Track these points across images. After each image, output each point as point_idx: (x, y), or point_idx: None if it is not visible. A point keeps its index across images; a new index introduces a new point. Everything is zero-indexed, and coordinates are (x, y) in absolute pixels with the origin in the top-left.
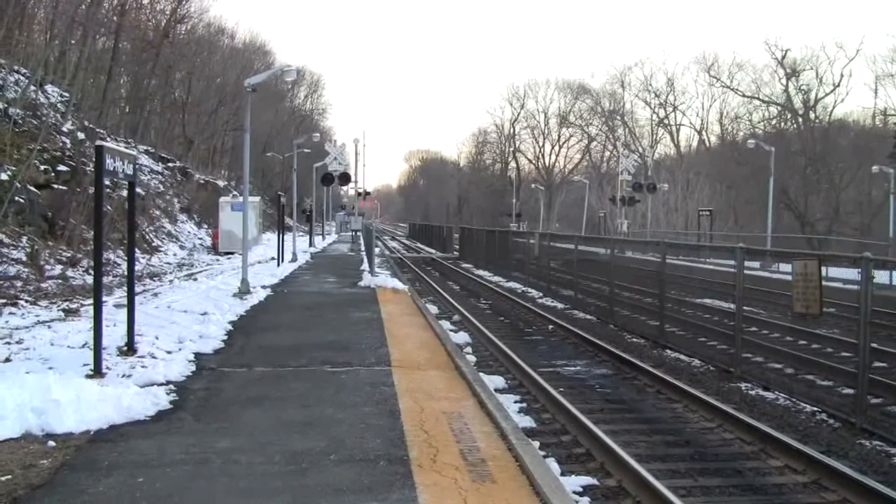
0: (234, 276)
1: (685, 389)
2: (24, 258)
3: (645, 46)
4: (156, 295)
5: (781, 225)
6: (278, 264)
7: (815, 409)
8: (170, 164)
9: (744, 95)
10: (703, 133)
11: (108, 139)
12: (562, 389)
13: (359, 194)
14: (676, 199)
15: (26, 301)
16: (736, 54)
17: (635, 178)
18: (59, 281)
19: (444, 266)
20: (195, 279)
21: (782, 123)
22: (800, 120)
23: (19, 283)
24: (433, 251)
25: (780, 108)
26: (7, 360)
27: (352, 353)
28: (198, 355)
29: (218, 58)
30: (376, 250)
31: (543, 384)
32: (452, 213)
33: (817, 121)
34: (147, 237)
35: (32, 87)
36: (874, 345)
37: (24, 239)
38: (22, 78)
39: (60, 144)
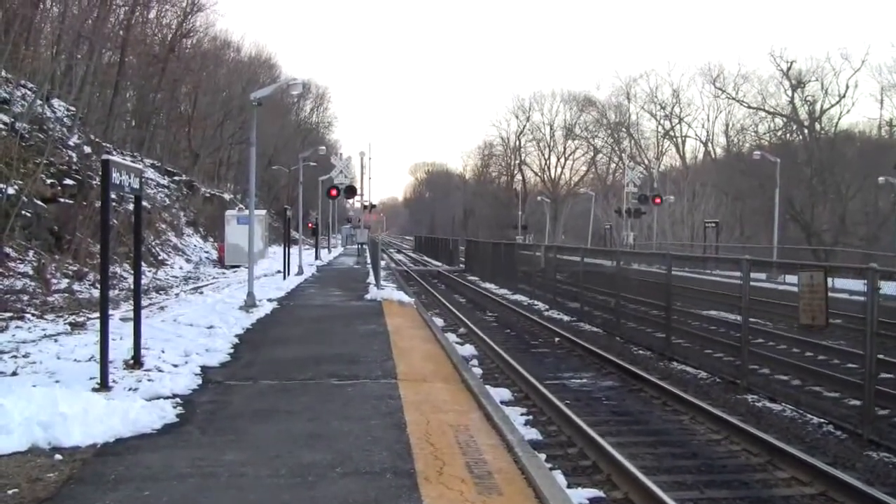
0: (240, 289)
1: (691, 401)
2: (31, 272)
3: (650, 58)
4: (162, 308)
5: (787, 236)
6: (284, 277)
7: (822, 420)
8: (176, 178)
9: (749, 107)
10: (709, 145)
11: (115, 153)
12: (568, 402)
13: (364, 207)
14: (682, 210)
15: (33, 315)
16: (741, 66)
17: (641, 189)
18: (66, 294)
19: (450, 279)
20: (201, 292)
21: (788, 135)
22: (805, 131)
23: (26, 297)
24: (439, 264)
25: (785, 119)
26: (14, 373)
27: (358, 366)
28: (204, 368)
29: (224, 71)
30: (382, 263)
31: (550, 396)
32: (458, 226)
33: (823, 132)
34: (153, 251)
35: (39, 102)
36: (881, 356)
37: (31, 253)
38: (28, 92)
39: (67, 158)
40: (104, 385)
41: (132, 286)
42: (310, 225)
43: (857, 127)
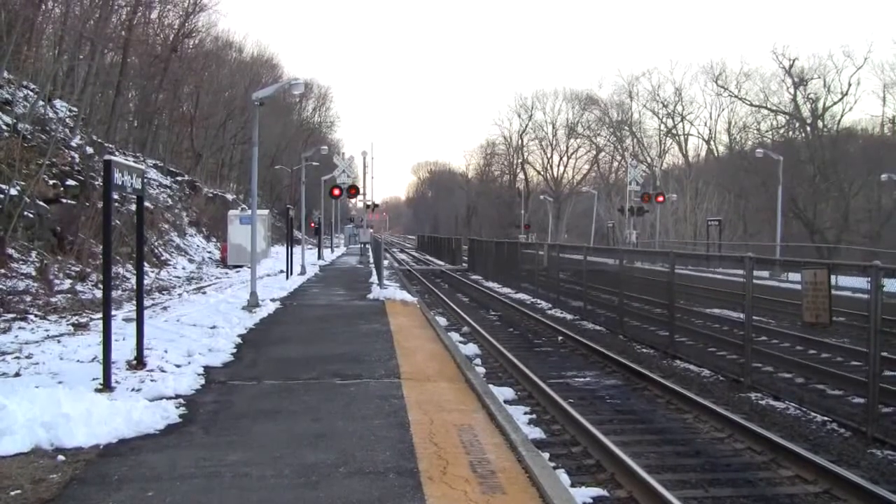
0: (243, 289)
1: (695, 400)
2: (34, 273)
3: (652, 56)
4: (165, 308)
5: (790, 234)
6: (287, 277)
7: (826, 418)
8: (178, 178)
9: (752, 105)
10: (712, 143)
11: (117, 153)
12: (572, 401)
13: (367, 207)
14: (685, 208)
15: (36, 315)
16: (744, 63)
17: (644, 188)
18: (69, 295)
19: (453, 278)
20: (204, 292)
21: (790, 132)
22: (808, 129)
23: (29, 298)
24: (442, 263)
25: (788, 117)
26: (17, 374)
27: (362, 366)
28: (207, 369)
29: (226, 71)
30: (385, 263)
31: (553, 395)
32: (461, 225)
33: (825, 129)
34: (156, 251)
35: (41, 103)
36: (885, 353)
37: (34, 253)
38: (31, 93)
39: (69, 159)
40: (107, 386)
41: (135, 286)
42: (312, 224)
43: (859, 124)
